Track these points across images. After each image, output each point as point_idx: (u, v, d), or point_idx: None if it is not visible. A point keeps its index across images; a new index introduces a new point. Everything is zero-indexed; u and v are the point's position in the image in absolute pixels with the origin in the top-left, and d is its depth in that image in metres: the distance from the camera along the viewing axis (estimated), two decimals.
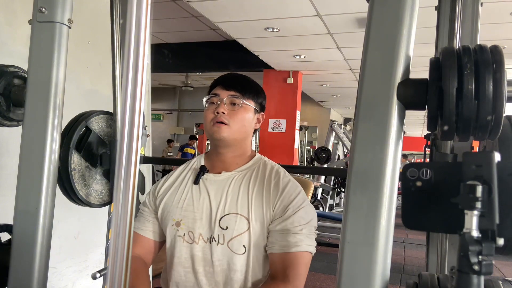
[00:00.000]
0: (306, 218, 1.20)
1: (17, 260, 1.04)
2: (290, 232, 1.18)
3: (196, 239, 1.23)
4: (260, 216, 1.21)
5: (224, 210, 1.22)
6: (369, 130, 0.72)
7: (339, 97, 10.30)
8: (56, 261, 2.37)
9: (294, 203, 1.20)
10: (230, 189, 1.24)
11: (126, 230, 0.52)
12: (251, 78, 1.35)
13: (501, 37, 4.83)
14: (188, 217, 1.25)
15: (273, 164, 1.33)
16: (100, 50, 2.58)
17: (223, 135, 1.23)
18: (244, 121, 1.27)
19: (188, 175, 1.33)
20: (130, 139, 0.51)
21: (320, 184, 6.51)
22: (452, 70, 0.65)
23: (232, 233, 1.20)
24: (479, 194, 0.59)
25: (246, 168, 1.29)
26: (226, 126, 1.23)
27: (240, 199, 1.22)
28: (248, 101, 1.28)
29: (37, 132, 1.06)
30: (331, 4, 4.18)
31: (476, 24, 1.27)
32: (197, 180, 1.28)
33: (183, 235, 1.24)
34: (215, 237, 1.21)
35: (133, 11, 0.51)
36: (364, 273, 0.69)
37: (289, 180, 1.26)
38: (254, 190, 1.23)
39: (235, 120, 1.25)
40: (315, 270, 4.17)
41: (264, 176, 1.26)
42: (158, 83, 9.67)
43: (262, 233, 1.21)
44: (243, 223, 1.20)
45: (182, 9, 5.17)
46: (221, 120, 1.23)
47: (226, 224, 1.21)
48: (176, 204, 1.28)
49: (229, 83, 1.29)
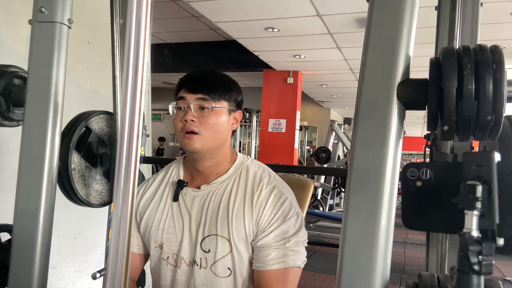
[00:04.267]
0: (291, 231, 1.12)
1: (17, 260, 1.04)
2: (272, 248, 1.10)
3: (178, 263, 1.17)
4: (243, 234, 1.12)
5: (204, 232, 1.14)
6: (369, 130, 0.72)
7: (339, 97, 10.30)
8: (56, 261, 2.37)
9: (278, 215, 1.12)
10: (210, 206, 1.15)
11: (126, 230, 0.52)
12: (221, 73, 1.20)
13: (501, 37, 4.83)
14: (170, 239, 1.18)
15: (256, 168, 1.21)
16: (100, 50, 2.58)
17: (195, 147, 1.11)
18: (218, 126, 1.13)
19: (167, 190, 1.23)
20: (130, 139, 0.51)
21: (320, 184, 6.51)
22: (452, 70, 0.65)
23: (215, 256, 1.13)
24: (479, 194, 0.59)
25: (227, 178, 1.18)
26: (197, 136, 1.11)
27: (220, 218, 1.13)
28: (219, 102, 1.13)
29: (37, 132, 1.06)
30: (331, 4, 4.18)
31: (476, 24, 1.27)
32: (176, 197, 1.19)
33: (166, 258, 1.19)
34: (197, 260, 1.14)
35: (133, 11, 0.51)
36: (364, 273, 0.69)
37: (273, 188, 1.15)
38: (235, 206, 1.14)
39: (206, 127, 1.11)
40: (315, 270, 4.17)
41: (246, 187, 1.16)
42: (162, 81, 9.68)
43: (247, 252, 1.14)
44: (225, 245, 1.12)
45: (182, 9, 5.17)
46: (190, 129, 1.11)
47: (208, 246, 1.13)
48: (157, 225, 1.20)
49: (195, 85, 1.13)
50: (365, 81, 0.73)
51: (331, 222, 5.79)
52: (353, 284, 0.69)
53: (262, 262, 1.12)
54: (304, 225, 1.18)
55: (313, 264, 4.34)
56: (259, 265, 1.12)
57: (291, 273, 1.11)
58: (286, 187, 1.21)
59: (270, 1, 4.23)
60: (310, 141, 12.21)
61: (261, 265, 1.12)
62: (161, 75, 8.65)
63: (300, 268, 1.14)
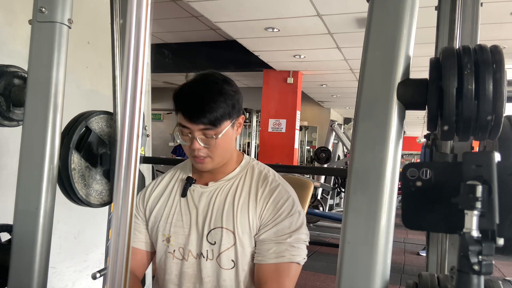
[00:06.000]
0: (293, 227, 1.14)
1: (17, 260, 1.04)
2: (273, 242, 1.13)
3: (186, 256, 1.20)
4: (247, 228, 1.16)
5: (210, 225, 1.17)
6: (369, 130, 0.72)
7: (339, 97, 10.30)
8: (56, 261, 2.37)
9: (281, 211, 1.15)
10: (216, 201, 1.19)
11: (126, 230, 0.52)
12: (216, 86, 1.13)
13: (501, 37, 4.83)
14: (178, 233, 1.21)
15: (261, 167, 1.26)
16: (100, 50, 2.58)
17: (208, 168, 1.18)
18: (226, 145, 1.16)
19: (176, 186, 1.27)
20: (130, 139, 0.51)
21: (320, 184, 6.51)
22: (452, 70, 0.65)
23: (220, 248, 1.16)
24: (479, 194, 0.58)
25: (234, 176, 1.23)
26: (208, 159, 1.15)
27: (226, 211, 1.17)
28: (223, 125, 1.12)
29: (37, 132, 1.06)
30: (331, 4, 4.18)
31: (476, 24, 1.27)
32: (185, 192, 1.23)
33: (173, 251, 1.21)
34: (203, 252, 1.17)
35: (133, 11, 0.51)
36: (364, 273, 0.69)
37: (278, 186, 1.19)
38: (240, 201, 1.18)
39: (215, 152, 1.14)
40: (315, 270, 4.17)
41: (251, 184, 1.21)
42: (163, 81, 9.69)
43: (251, 246, 1.17)
44: (229, 237, 1.16)
45: (182, 9, 5.16)
46: (201, 156, 1.14)
47: (214, 238, 1.17)
48: (165, 219, 1.23)
49: (194, 115, 1.10)
50: (365, 81, 0.73)
51: (331, 222, 5.80)
52: (353, 284, 0.69)
53: (262, 256, 1.14)
54: (305, 224, 1.19)
55: (313, 264, 4.34)
56: (259, 258, 1.15)
57: (291, 268, 1.13)
58: (289, 187, 1.24)
59: (270, 1, 4.23)
60: (310, 141, 12.20)
61: (261, 258, 1.15)
62: (161, 75, 8.65)
63: (299, 265, 1.15)
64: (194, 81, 1.17)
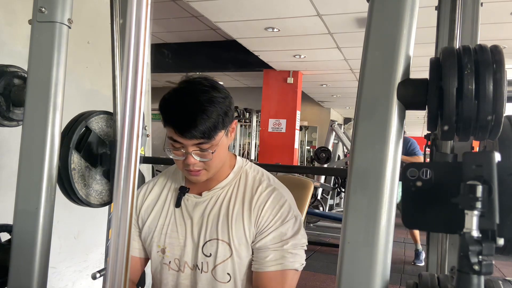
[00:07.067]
0: (289, 233, 1.12)
1: (17, 260, 1.04)
2: (270, 250, 1.11)
3: (182, 267, 1.17)
4: (243, 238, 1.13)
5: (206, 236, 1.15)
6: (369, 130, 0.72)
7: (339, 97, 10.30)
8: (56, 261, 2.37)
9: (277, 218, 1.13)
10: (211, 212, 1.17)
11: (126, 230, 0.52)
12: (205, 95, 1.05)
13: (501, 37, 4.83)
14: (173, 244, 1.18)
15: (254, 172, 1.22)
16: (100, 50, 2.58)
17: (203, 179, 1.15)
18: (220, 155, 1.12)
19: (169, 196, 1.24)
20: (130, 139, 0.51)
21: (320, 184, 6.51)
22: (452, 70, 0.65)
23: (215, 260, 1.13)
24: (479, 194, 0.58)
25: (227, 184, 1.19)
26: (204, 171, 1.12)
27: (221, 223, 1.14)
28: (217, 137, 1.07)
29: (37, 132, 1.06)
30: (331, 4, 4.18)
31: (476, 24, 1.27)
32: (179, 203, 1.20)
33: (168, 262, 1.19)
34: (198, 265, 1.15)
35: (133, 11, 0.51)
36: (364, 273, 0.69)
37: (273, 191, 1.16)
38: (235, 211, 1.15)
39: (211, 165, 1.11)
40: (315, 270, 4.17)
41: (245, 191, 1.17)
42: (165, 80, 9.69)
43: (249, 255, 1.14)
44: (225, 249, 1.13)
45: (182, 9, 5.16)
46: (196, 169, 1.11)
47: (209, 251, 1.14)
48: (160, 230, 1.20)
49: (186, 131, 1.03)
50: (365, 81, 0.73)
51: (331, 222, 5.79)
52: (353, 284, 0.69)
53: (260, 264, 1.12)
54: (303, 228, 1.17)
55: (313, 264, 4.34)
56: (257, 266, 1.13)
57: (289, 275, 1.11)
58: (285, 190, 1.21)
59: (270, 1, 4.23)
60: (310, 141, 12.20)
61: (259, 266, 1.12)
62: (162, 75, 8.65)
63: (298, 271, 1.14)
64: (180, 90, 1.09)
